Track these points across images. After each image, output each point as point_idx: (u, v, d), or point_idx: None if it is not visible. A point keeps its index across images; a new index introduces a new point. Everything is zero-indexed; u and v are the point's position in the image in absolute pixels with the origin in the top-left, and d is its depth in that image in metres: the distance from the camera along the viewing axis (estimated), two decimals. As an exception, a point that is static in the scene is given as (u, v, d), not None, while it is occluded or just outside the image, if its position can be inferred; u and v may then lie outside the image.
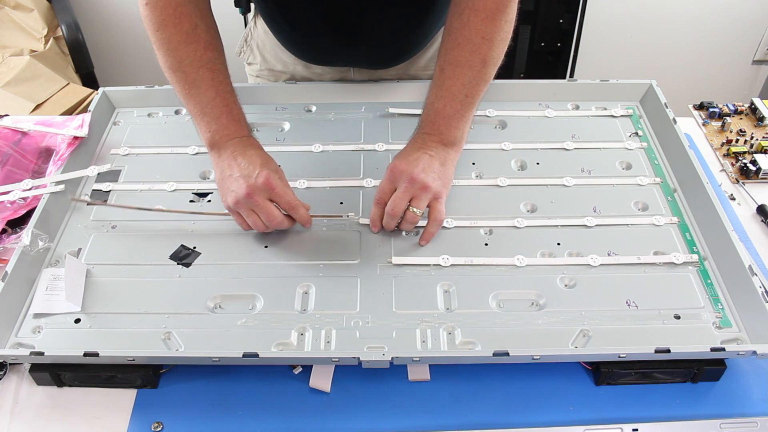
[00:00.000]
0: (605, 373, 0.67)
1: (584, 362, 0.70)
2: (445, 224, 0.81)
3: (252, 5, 1.01)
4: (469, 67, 0.78)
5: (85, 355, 0.65)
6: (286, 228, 0.78)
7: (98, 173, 0.88)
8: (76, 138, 0.89)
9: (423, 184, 0.76)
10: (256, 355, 0.64)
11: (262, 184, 0.74)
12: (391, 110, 0.97)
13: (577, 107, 1.00)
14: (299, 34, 0.95)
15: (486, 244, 0.79)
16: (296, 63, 1.03)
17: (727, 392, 0.69)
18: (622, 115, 0.98)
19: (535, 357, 0.65)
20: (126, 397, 0.68)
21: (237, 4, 1.01)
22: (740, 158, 0.97)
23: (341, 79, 1.03)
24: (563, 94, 1.00)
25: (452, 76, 0.79)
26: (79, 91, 1.60)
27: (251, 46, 1.05)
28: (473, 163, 0.90)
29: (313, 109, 1.00)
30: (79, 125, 0.91)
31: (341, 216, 0.82)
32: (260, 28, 1.03)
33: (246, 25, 1.08)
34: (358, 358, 0.65)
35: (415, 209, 0.76)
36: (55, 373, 0.68)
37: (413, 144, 0.80)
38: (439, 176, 0.78)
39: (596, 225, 0.81)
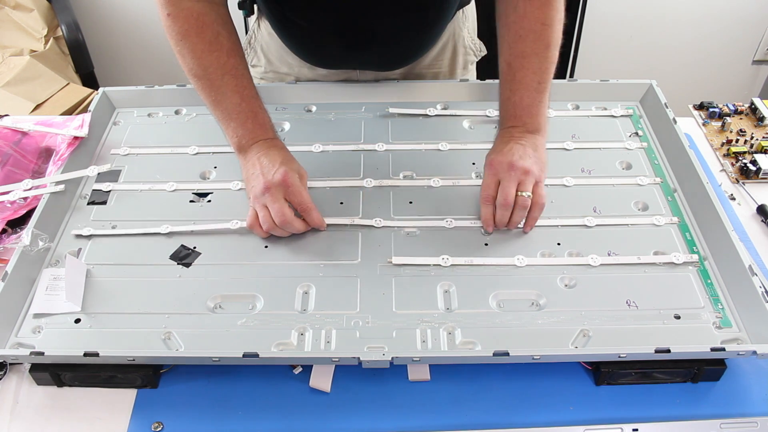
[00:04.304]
0: (605, 373, 0.67)
1: (584, 362, 0.70)
2: (444, 224, 0.81)
3: (255, 8, 1.01)
4: (535, 55, 0.80)
5: (85, 355, 0.65)
6: (297, 230, 0.78)
7: (98, 173, 0.88)
8: (76, 138, 0.89)
9: (524, 169, 0.77)
10: (256, 355, 0.64)
11: (278, 181, 0.76)
12: (391, 110, 0.97)
13: (577, 107, 1.00)
14: (310, 40, 0.94)
15: (486, 244, 0.79)
16: (302, 65, 1.02)
17: (727, 392, 0.68)
18: (622, 115, 0.98)
19: (535, 357, 0.65)
20: (126, 397, 0.68)
21: (241, 6, 1.01)
22: (740, 158, 0.97)
23: (346, 80, 1.03)
24: (563, 94, 1.00)
25: (521, 67, 0.81)
26: (79, 91, 1.60)
27: (255, 49, 1.05)
28: (473, 163, 0.90)
29: (313, 109, 1.00)
30: (79, 125, 0.91)
31: (353, 221, 0.81)
32: (264, 31, 1.02)
33: (245, 27, 1.07)
34: (358, 358, 0.65)
35: (523, 193, 0.77)
36: (55, 373, 0.68)
37: (501, 138, 0.82)
38: (536, 161, 0.79)
39: (596, 225, 0.81)
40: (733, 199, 0.92)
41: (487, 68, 1.11)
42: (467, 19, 1.02)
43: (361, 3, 0.86)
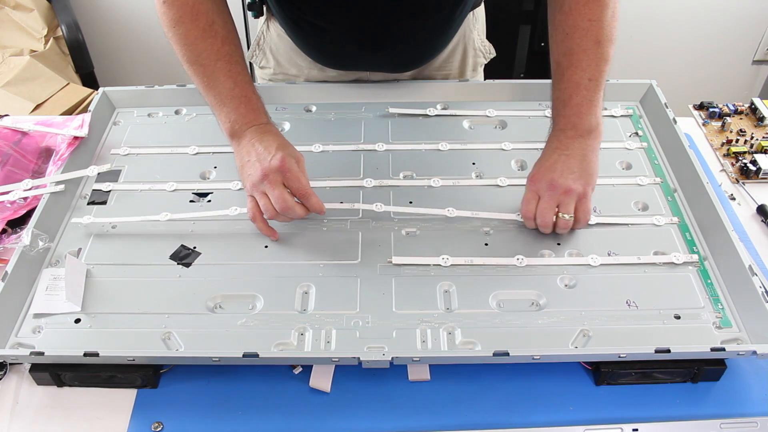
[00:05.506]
0: (605, 373, 0.67)
1: (584, 362, 0.70)
2: (446, 213, 0.81)
3: (264, 9, 1.01)
4: (584, 52, 0.78)
5: (85, 355, 0.65)
6: (298, 216, 0.77)
7: (98, 173, 0.88)
8: (76, 138, 0.89)
9: (565, 189, 0.76)
10: (256, 355, 0.64)
11: (276, 166, 0.75)
12: (391, 110, 0.97)
13: (577, 107, 0.99)
14: (323, 41, 0.94)
15: (486, 244, 0.79)
16: (311, 67, 1.02)
17: (727, 392, 0.69)
18: (622, 115, 0.98)
19: (535, 357, 0.65)
20: (126, 397, 0.68)
21: (250, 7, 1.01)
22: (740, 158, 0.97)
23: (356, 80, 1.02)
24: (563, 94, 1.00)
25: (569, 65, 0.78)
26: (79, 91, 1.60)
27: (264, 51, 1.05)
28: (473, 163, 0.90)
29: (313, 109, 1.00)
30: (79, 125, 0.91)
31: (353, 206, 0.82)
32: (273, 33, 1.02)
33: (245, 27, 1.07)
34: (358, 358, 0.65)
35: (564, 215, 0.76)
36: (55, 373, 0.68)
37: (549, 145, 0.80)
38: (580, 175, 0.77)
39: (596, 225, 0.81)
40: (733, 199, 0.92)
41: (494, 71, 1.11)
42: (477, 21, 1.02)
43: (378, 4, 0.85)
